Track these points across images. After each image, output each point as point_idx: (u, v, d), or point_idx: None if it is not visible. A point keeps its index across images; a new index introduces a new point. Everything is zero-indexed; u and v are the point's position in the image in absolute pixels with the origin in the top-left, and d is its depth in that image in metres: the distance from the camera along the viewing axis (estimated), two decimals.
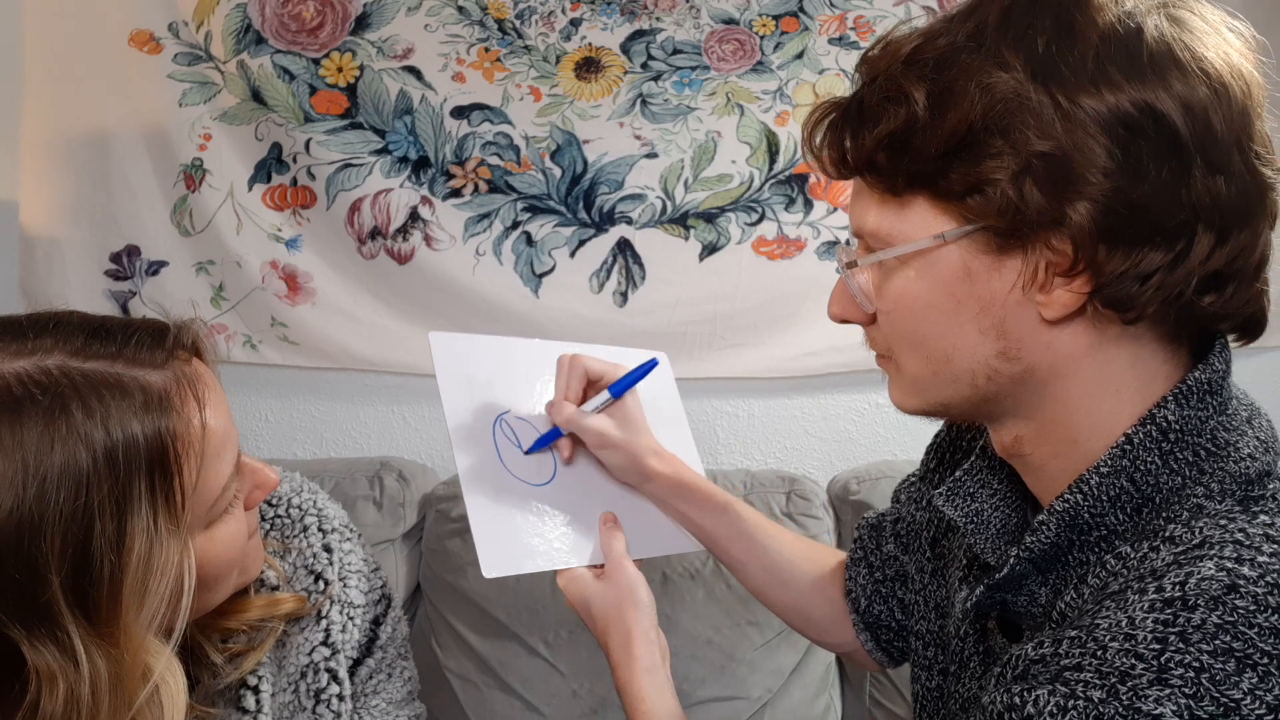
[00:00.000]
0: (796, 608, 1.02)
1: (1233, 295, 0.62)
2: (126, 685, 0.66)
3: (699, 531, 0.98)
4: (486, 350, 0.99)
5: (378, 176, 1.71)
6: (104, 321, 0.69)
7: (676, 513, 0.98)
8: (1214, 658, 0.54)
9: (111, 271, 1.75)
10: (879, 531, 0.98)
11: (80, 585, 0.63)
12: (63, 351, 0.65)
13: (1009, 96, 0.59)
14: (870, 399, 1.81)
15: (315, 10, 1.68)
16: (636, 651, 0.83)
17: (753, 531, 0.98)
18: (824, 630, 1.02)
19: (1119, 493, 0.64)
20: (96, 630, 0.64)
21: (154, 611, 0.66)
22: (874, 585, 0.96)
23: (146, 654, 0.66)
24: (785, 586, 1.00)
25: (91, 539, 0.63)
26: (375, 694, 0.86)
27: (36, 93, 1.69)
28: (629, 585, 0.87)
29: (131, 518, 0.64)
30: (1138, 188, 0.58)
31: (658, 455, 0.96)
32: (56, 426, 0.62)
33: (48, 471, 0.62)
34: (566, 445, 0.96)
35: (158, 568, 0.65)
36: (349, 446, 1.84)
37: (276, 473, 0.80)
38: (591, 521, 0.94)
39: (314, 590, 0.85)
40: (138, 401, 0.65)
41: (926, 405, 0.71)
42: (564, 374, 0.95)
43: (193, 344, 0.72)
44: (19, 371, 0.63)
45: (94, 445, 0.63)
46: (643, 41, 1.69)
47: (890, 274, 0.68)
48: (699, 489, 0.97)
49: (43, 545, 0.62)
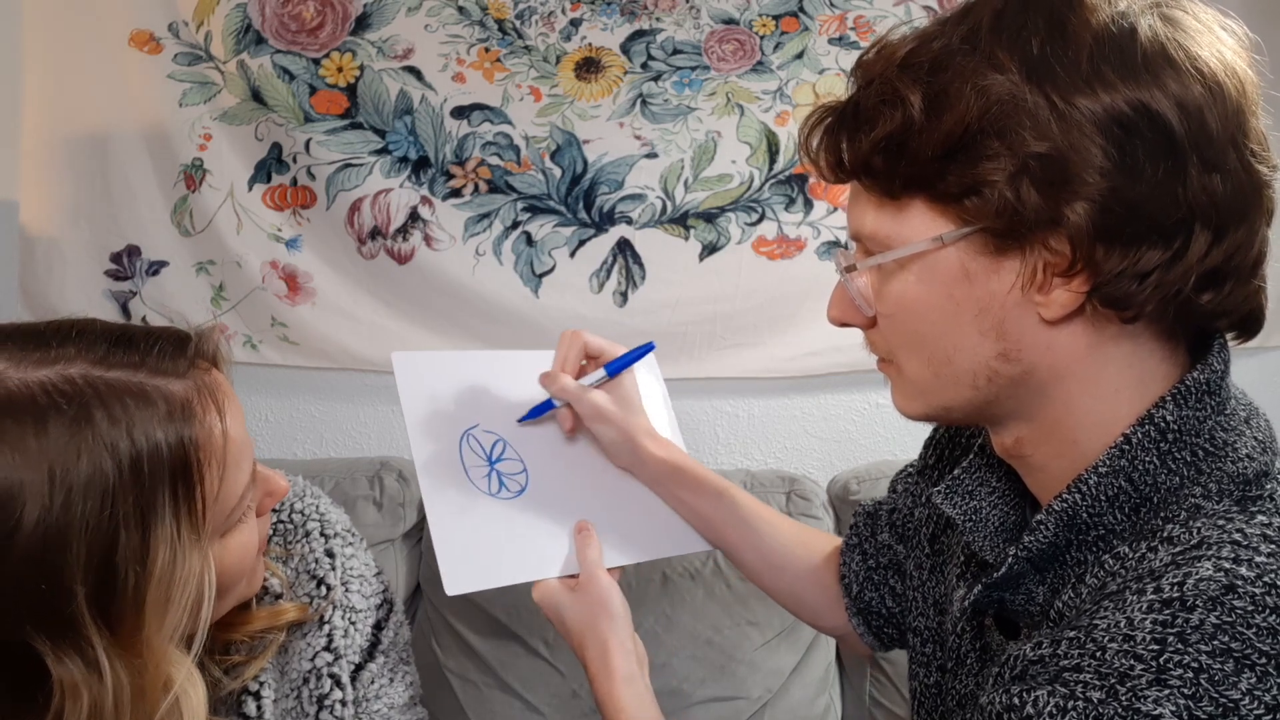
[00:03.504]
0: (791, 592, 1.02)
1: (1230, 293, 0.62)
2: (148, 696, 0.66)
3: (694, 516, 0.99)
4: (452, 366, 0.99)
5: (378, 176, 1.71)
6: (125, 330, 0.69)
7: (671, 497, 0.98)
8: (1212, 658, 0.54)
9: (111, 271, 1.75)
10: (875, 520, 0.98)
11: (104, 596, 0.63)
12: (85, 360, 0.65)
13: (1004, 98, 0.59)
14: (870, 399, 1.81)
15: (315, 10, 1.68)
16: (614, 662, 0.83)
17: (748, 517, 0.99)
18: (817, 614, 1.03)
19: (1117, 492, 0.64)
20: (119, 641, 0.64)
21: (176, 622, 0.66)
22: (867, 572, 0.97)
23: (168, 664, 0.66)
24: (780, 571, 1.01)
25: (116, 549, 0.63)
26: (377, 699, 0.86)
27: (36, 93, 1.69)
28: (602, 596, 0.86)
29: (156, 527, 0.64)
30: (1134, 187, 0.58)
31: (652, 437, 0.96)
32: (82, 436, 0.62)
33: (74, 481, 0.61)
34: (567, 416, 0.96)
35: (180, 578, 0.65)
36: (349, 446, 1.84)
37: (286, 480, 0.80)
38: (563, 532, 0.93)
39: (316, 595, 0.85)
40: (161, 410, 0.65)
41: (929, 409, 0.71)
42: (563, 347, 0.95)
43: (212, 353, 0.72)
44: (43, 380, 0.63)
45: (119, 454, 0.63)
46: (643, 41, 1.70)
47: (889, 277, 0.68)
48: (694, 473, 0.97)
49: (69, 556, 0.61)
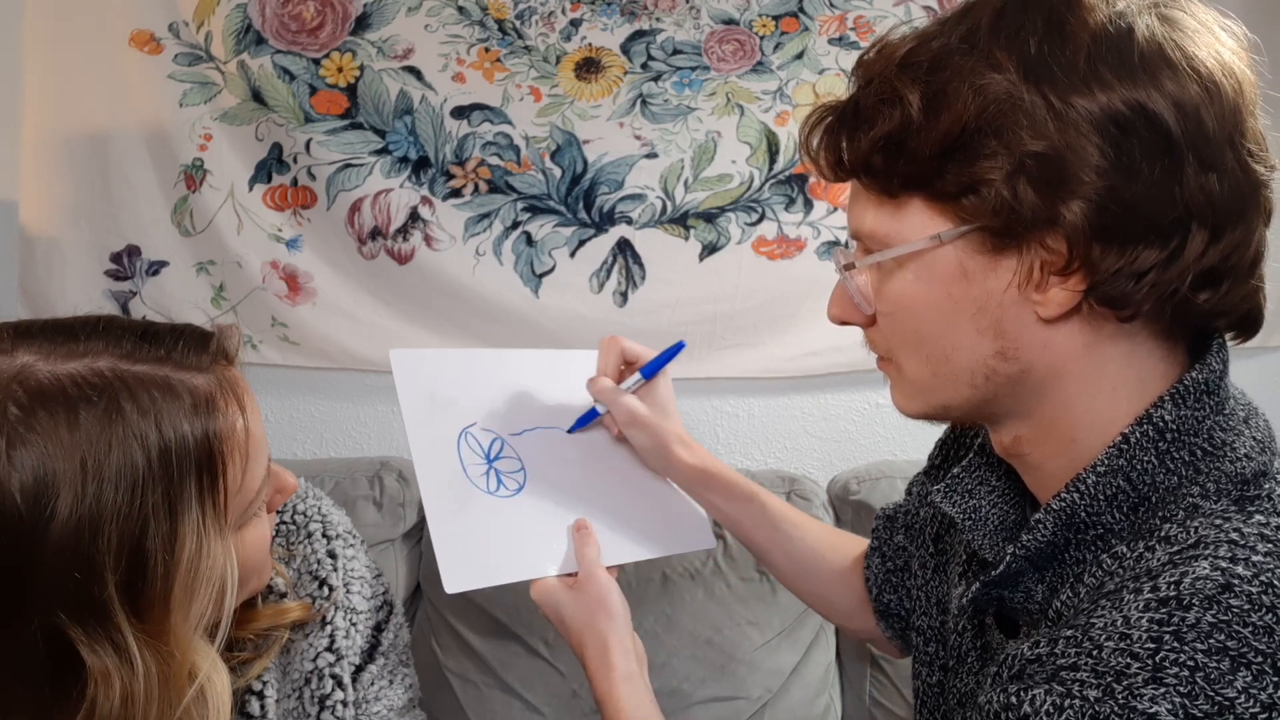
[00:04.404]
0: (820, 595, 1.04)
1: (1228, 292, 0.62)
2: (175, 685, 0.67)
3: (725, 519, 1.00)
4: (451, 364, 0.99)
5: (378, 177, 1.71)
6: (150, 326, 0.71)
7: (702, 500, 1.00)
8: (1209, 657, 0.54)
9: (112, 271, 1.75)
10: (892, 522, 0.99)
11: (133, 585, 0.65)
12: (113, 354, 0.67)
13: (1002, 97, 0.60)
14: (870, 399, 1.82)
15: (315, 10, 1.68)
16: (614, 661, 0.84)
17: (777, 520, 1.00)
18: (846, 616, 1.04)
19: (1115, 492, 0.64)
20: (147, 630, 0.65)
21: (201, 611, 0.67)
22: (886, 575, 0.98)
23: (194, 653, 0.68)
24: (810, 574, 1.02)
25: (146, 538, 0.64)
26: (377, 700, 0.87)
27: (36, 93, 1.69)
28: (601, 594, 0.87)
29: (183, 517, 0.66)
30: (1131, 186, 0.59)
31: (684, 444, 0.98)
32: (113, 427, 0.64)
33: (105, 471, 0.63)
34: (612, 422, 0.98)
35: (205, 567, 0.67)
36: (349, 446, 1.84)
37: (295, 477, 0.81)
38: (562, 531, 0.93)
39: (319, 596, 0.85)
40: (186, 404, 0.67)
41: (928, 408, 0.72)
42: (604, 353, 0.98)
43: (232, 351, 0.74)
44: (72, 373, 0.65)
45: (148, 445, 0.64)
46: (643, 42, 1.70)
47: (888, 275, 0.68)
48: (725, 478, 0.99)
49: (101, 544, 0.63)
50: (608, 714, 0.83)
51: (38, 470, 0.62)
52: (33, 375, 0.64)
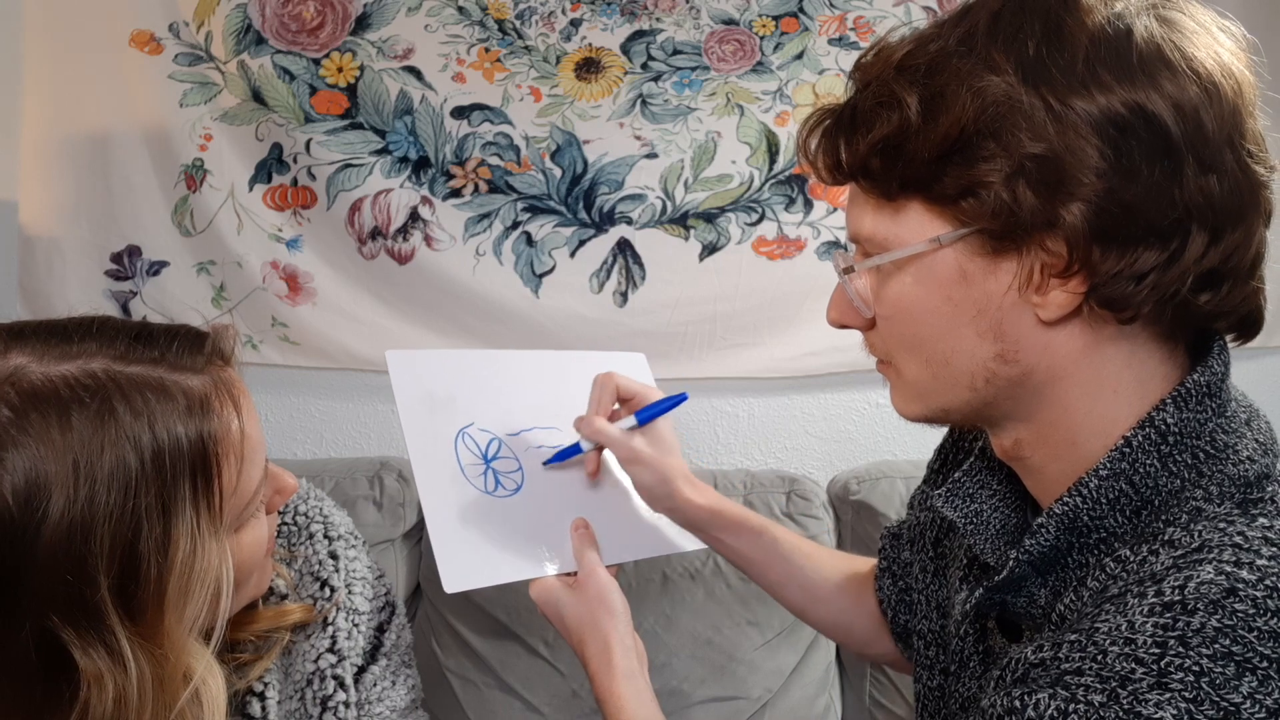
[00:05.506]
0: (837, 624, 1.02)
1: (1228, 293, 0.62)
2: (169, 687, 0.67)
3: (736, 557, 0.98)
4: (448, 365, 0.98)
5: (378, 177, 1.71)
6: (144, 327, 0.70)
7: (711, 539, 0.97)
8: (1214, 662, 0.53)
9: (112, 271, 1.75)
10: (898, 539, 0.98)
11: (127, 587, 0.64)
12: (106, 355, 0.66)
13: (1000, 100, 0.60)
14: (870, 399, 1.81)
15: (315, 10, 1.68)
16: (615, 659, 0.83)
17: (789, 554, 0.98)
18: (866, 643, 1.01)
19: (1118, 495, 0.64)
20: (141, 632, 0.65)
21: (195, 613, 0.67)
22: (898, 594, 0.96)
23: (188, 656, 0.68)
24: (825, 604, 1.00)
25: (139, 540, 0.64)
26: (379, 701, 0.86)
27: (36, 93, 1.69)
28: (602, 593, 0.86)
29: (177, 519, 0.65)
30: (1130, 188, 0.58)
31: (691, 484, 0.94)
32: (105, 429, 0.63)
33: (98, 473, 0.63)
34: (594, 460, 0.96)
35: (199, 569, 0.67)
36: (349, 446, 1.84)
37: (295, 478, 0.81)
38: (561, 530, 0.93)
39: (320, 597, 0.85)
40: (180, 405, 0.67)
41: (928, 411, 0.71)
42: (597, 390, 0.94)
43: (228, 351, 0.73)
44: (65, 374, 0.64)
45: (141, 447, 0.64)
46: (643, 42, 1.69)
47: (887, 279, 0.68)
48: (732, 515, 0.96)
49: (93, 546, 0.62)
50: (609, 712, 0.82)
51: (30, 472, 0.61)
52: (26, 377, 0.64)
